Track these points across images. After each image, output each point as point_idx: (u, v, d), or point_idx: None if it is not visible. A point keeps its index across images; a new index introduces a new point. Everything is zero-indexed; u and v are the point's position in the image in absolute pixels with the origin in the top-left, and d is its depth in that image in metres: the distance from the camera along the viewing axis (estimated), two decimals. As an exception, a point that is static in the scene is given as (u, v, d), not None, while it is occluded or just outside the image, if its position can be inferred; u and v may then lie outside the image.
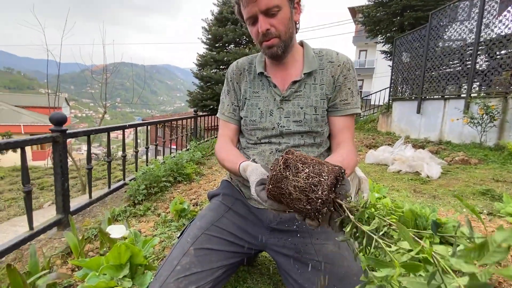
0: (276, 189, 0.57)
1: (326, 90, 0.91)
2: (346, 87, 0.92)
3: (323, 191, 0.52)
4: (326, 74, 0.92)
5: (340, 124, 0.94)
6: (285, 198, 0.56)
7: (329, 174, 0.54)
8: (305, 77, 0.92)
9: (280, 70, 0.96)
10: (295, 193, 0.54)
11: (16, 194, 7.51)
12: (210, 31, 5.56)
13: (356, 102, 0.94)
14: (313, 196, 0.52)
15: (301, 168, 0.55)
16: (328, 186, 0.52)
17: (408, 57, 6.32)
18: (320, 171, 0.54)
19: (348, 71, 0.92)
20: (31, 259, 1.14)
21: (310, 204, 0.52)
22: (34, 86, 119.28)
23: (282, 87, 0.94)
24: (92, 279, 0.94)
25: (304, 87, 0.93)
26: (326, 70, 0.92)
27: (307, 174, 0.54)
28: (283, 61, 0.93)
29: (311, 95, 0.92)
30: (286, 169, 0.56)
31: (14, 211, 5.55)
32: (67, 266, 1.32)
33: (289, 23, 0.85)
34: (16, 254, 1.40)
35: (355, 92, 0.94)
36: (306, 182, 0.53)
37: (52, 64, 7.54)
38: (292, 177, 0.55)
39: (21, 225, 3.41)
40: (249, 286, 1.20)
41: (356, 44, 22.17)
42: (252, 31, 0.87)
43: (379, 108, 9.28)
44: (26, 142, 1.29)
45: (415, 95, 5.92)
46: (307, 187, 0.53)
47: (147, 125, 2.81)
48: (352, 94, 0.93)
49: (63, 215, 1.59)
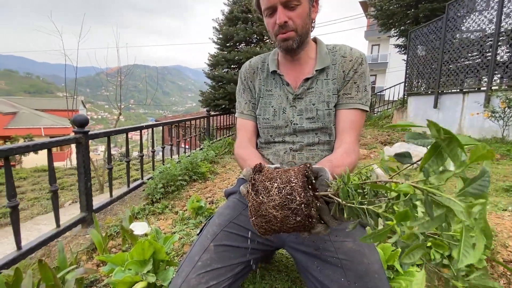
0: (260, 218, 0.53)
1: (337, 85, 0.91)
2: (353, 81, 0.91)
3: (299, 194, 0.49)
4: (338, 68, 0.91)
5: (340, 117, 0.92)
6: (274, 224, 0.53)
7: (297, 176, 0.52)
8: (317, 74, 0.92)
9: (293, 67, 0.95)
10: (278, 213, 0.51)
11: (38, 194, 7.85)
12: (221, 31, 5.59)
13: (361, 98, 0.90)
14: (294, 205, 0.49)
15: (269, 185, 0.52)
16: (302, 187, 0.50)
17: (424, 50, 6.13)
18: (288, 178, 0.52)
19: (359, 66, 0.90)
20: (59, 255, 1.19)
21: (298, 215, 0.49)
22: (53, 90, 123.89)
23: (294, 84, 0.94)
24: (119, 273, 0.98)
25: (316, 83, 0.92)
26: (338, 65, 0.91)
27: (278, 188, 0.51)
28: (297, 57, 0.93)
29: (323, 91, 0.91)
30: (257, 194, 0.53)
31: (37, 210, 5.80)
32: (92, 262, 1.38)
33: (307, 19, 0.85)
34: (45, 250, 1.48)
35: (362, 88, 0.91)
36: (281, 197, 0.50)
37: (69, 68, 7.80)
38: (266, 199, 0.51)
39: (44, 224, 3.57)
40: (267, 283, 1.22)
41: (368, 39, 21.68)
42: (269, 23, 0.87)
43: (393, 104, 9.06)
44: (52, 144, 1.36)
45: (431, 90, 5.74)
46: (284, 200, 0.50)
47: (163, 125, 2.87)
48: (358, 89, 0.91)
49: (86, 213, 1.66)
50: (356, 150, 0.88)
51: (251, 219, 0.55)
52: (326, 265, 0.82)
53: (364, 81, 0.92)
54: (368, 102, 0.93)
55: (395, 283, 1.08)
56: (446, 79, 5.32)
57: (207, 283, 0.77)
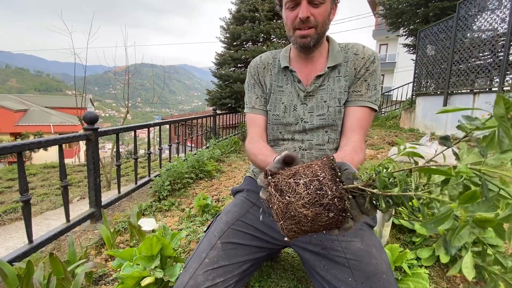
0: (289, 220, 0.48)
1: (349, 82, 0.91)
2: (363, 78, 0.90)
3: (330, 188, 0.46)
4: (350, 66, 0.91)
5: (349, 115, 0.91)
6: (305, 225, 0.48)
7: (323, 169, 0.48)
8: (329, 71, 0.92)
9: (305, 65, 0.95)
10: (308, 211, 0.46)
11: (48, 189, 7.99)
12: (228, 30, 5.60)
13: (370, 96, 0.90)
14: (327, 200, 0.46)
15: (293, 183, 0.48)
16: (332, 180, 0.47)
17: (433, 50, 6.03)
18: (314, 173, 0.48)
19: (371, 64, 0.90)
20: (70, 249, 1.22)
21: (331, 210, 0.46)
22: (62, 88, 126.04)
23: (306, 82, 0.94)
24: (127, 268, 1.00)
25: (328, 80, 0.92)
26: (350, 62, 0.91)
27: (305, 184, 0.47)
28: (311, 55, 0.93)
29: (335, 87, 0.91)
30: (283, 194, 0.49)
31: (46, 206, 5.91)
32: (101, 257, 1.40)
33: (327, 19, 0.86)
34: (55, 244, 1.51)
35: (372, 86, 0.91)
36: (309, 193, 0.47)
37: (78, 66, 7.93)
38: (294, 198, 0.47)
39: (53, 219, 3.64)
40: (272, 281, 1.22)
41: (376, 38, 21.43)
42: (289, 16, 0.86)
43: (401, 104, 8.95)
44: (63, 140, 1.38)
45: (440, 90, 5.65)
46: (315, 196, 0.46)
47: (170, 123, 2.89)
48: (368, 87, 0.90)
49: (95, 209, 1.69)
50: (363, 148, 0.86)
51: (278, 224, 0.50)
52: (333, 264, 0.81)
53: (375, 80, 0.91)
54: (378, 102, 0.92)
55: (403, 284, 1.07)
56: (456, 79, 5.22)
57: (214, 280, 0.78)
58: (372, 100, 0.90)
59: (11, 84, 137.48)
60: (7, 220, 5.25)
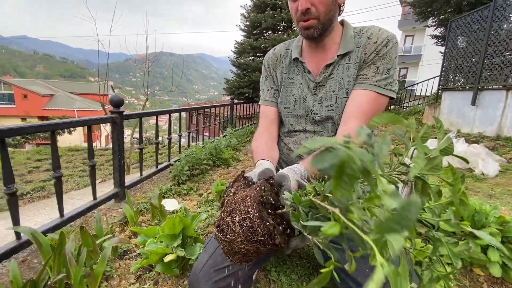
0: (236, 256, 0.54)
1: (358, 69, 0.85)
2: (372, 62, 0.82)
3: (259, 226, 0.48)
4: (361, 51, 0.84)
5: (350, 99, 0.84)
6: (251, 255, 0.53)
7: (253, 204, 0.50)
8: (339, 59, 0.86)
9: (316, 54, 0.91)
10: (248, 246, 0.51)
11: (72, 171, 8.42)
12: (249, 18, 5.53)
13: (379, 80, 0.81)
14: (258, 237, 0.49)
15: (231, 221, 0.51)
16: (259, 218, 0.49)
17: (465, 42, 5.67)
18: (245, 209, 0.51)
19: (383, 47, 0.81)
20: (97, 224, 1.28)
21: (265, 245, 0.49)
22: (85, 75, 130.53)
23: (316, 72, 0.90)
24: (151, 245, 1.04)
25: (337, 68, 0.87)
26: (362, 47, 0.84)
27: (239, 223, 0.50)
28: (321, 44, 0.89)
29: (344, 76, 0.86)
30: (224, 233, 0.53)
31: (70, 186, 6.24)
32: (124, 234, 1.47)
33: (331, 5, 0.80)
34: (82, 220, 1.59)
35: (383, 70, 0.81)
36: (244, 231, 0.50)
37: (100, 54, 8.14)
38: (233, 237, 0.51)
39: (77, 198, 3.84)
40: (288, 267, 1.23)
41: (401, 29, 20.40)
42: (292, 8, 0.84)
43: (425, 99, 8.56)
44: (92, 121, 1.44)
45: (470, 85, 5.34)
46: (248, 234, 0.49)
47: (191, 110, 2.94)
48: (377, 70, 0.81)
49: (119, 189, 1.76)
50: None
51: (229, 260, 0.55)
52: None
53: (387, 63, 0.81)
54: (391, 87, 0.82)
55: (423, 279, 1.05)
56: (488, 74, 4.91)
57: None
58: (380, 84, 0.81)
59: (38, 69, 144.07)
60: (36, 197, 5.61)
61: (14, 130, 1.06)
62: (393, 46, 0.81)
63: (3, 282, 1.09)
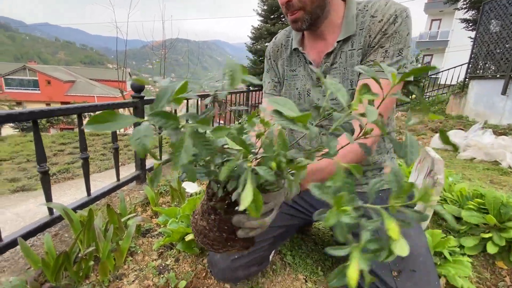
0: (215, 246, 0.57)
1: (362, 56, 0.75)
2: (380, 45, 0.71)
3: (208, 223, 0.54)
4: (364, 34, 0.73)
5: (359, 89, 0.79)
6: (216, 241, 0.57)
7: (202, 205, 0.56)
8: (340, 45, 0.77)
9: (316, 42, 0.83)
10: (214, 242, 0.55)
11: (93, 155, 8.80)
12: (266, 2, 5.39)
13: (391, 64, 0.69)
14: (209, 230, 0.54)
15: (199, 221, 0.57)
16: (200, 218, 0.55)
17: (499, 26, 5.28)
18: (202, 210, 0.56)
19: (390, 26, 0.69)
20: (121, 203, 1.35)
21: (213, 231, 0.54)
22: (104, 61, 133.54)
23: (318, 62, 0.83)
24: (173, 224, 1.09)
25: (340, 57, 0.78)
26: (365, 29, 0.73)
27: (201, 221, 0.56)
28: (320, 29, 0.80)
29: (347, 65, 0.77)
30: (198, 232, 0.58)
31: (92, 169, 6.52)
32: (146, 214, 1.54)
33: None
34: (107, 200, 1.68)
35: (393, 52, 0.70)
36: (210, 229, 0.54)
37: (118, 40, 8.26)
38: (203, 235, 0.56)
39: (99, 180, 4.02)
40: (303, 252, 1.25)
41: (428, 12, 19.17)
42: (279, 1, 0.76)
43: (450, 88, 8.13)
44: (115, 105, 1.49)
45: (501, 73, 5.00)
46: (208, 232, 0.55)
47: (204, 97, 2.95)
48: (386, 54, 0.70)
49: (140, 171, 1.83)
50: (368, 141, 0.65)
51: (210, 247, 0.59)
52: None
53: (398, 43, 0.70)
54: (406, 70, 0.72)
55: (443, 269, 1.04)
56: (522, 61, 4.57)
57: None
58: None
59: (60, 56, 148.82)
60: (61, 178, 5.94)
61: (45, 112, 1.12)
62: (402, 21, 0.69)
63: (38, 253, 1.19)
